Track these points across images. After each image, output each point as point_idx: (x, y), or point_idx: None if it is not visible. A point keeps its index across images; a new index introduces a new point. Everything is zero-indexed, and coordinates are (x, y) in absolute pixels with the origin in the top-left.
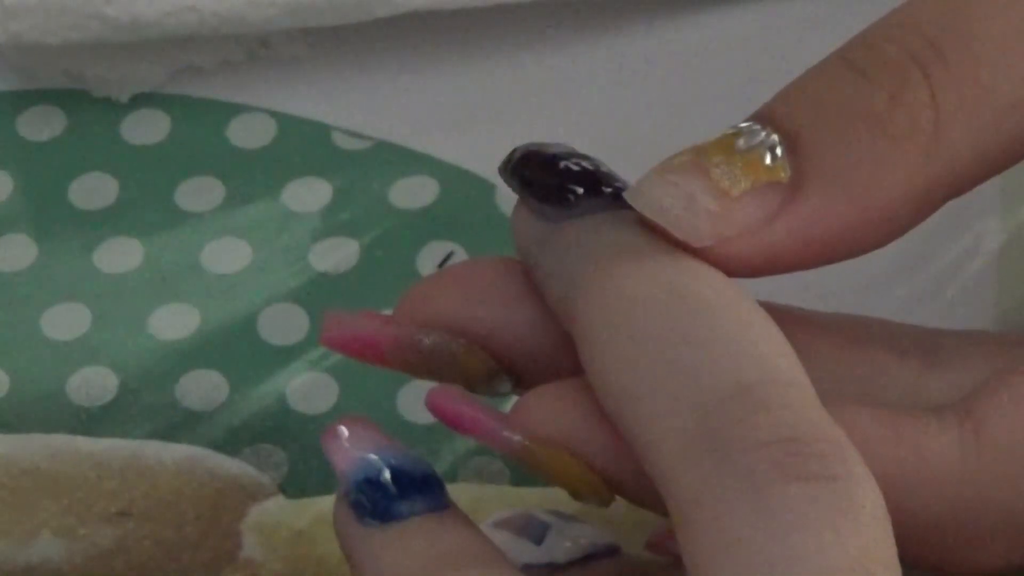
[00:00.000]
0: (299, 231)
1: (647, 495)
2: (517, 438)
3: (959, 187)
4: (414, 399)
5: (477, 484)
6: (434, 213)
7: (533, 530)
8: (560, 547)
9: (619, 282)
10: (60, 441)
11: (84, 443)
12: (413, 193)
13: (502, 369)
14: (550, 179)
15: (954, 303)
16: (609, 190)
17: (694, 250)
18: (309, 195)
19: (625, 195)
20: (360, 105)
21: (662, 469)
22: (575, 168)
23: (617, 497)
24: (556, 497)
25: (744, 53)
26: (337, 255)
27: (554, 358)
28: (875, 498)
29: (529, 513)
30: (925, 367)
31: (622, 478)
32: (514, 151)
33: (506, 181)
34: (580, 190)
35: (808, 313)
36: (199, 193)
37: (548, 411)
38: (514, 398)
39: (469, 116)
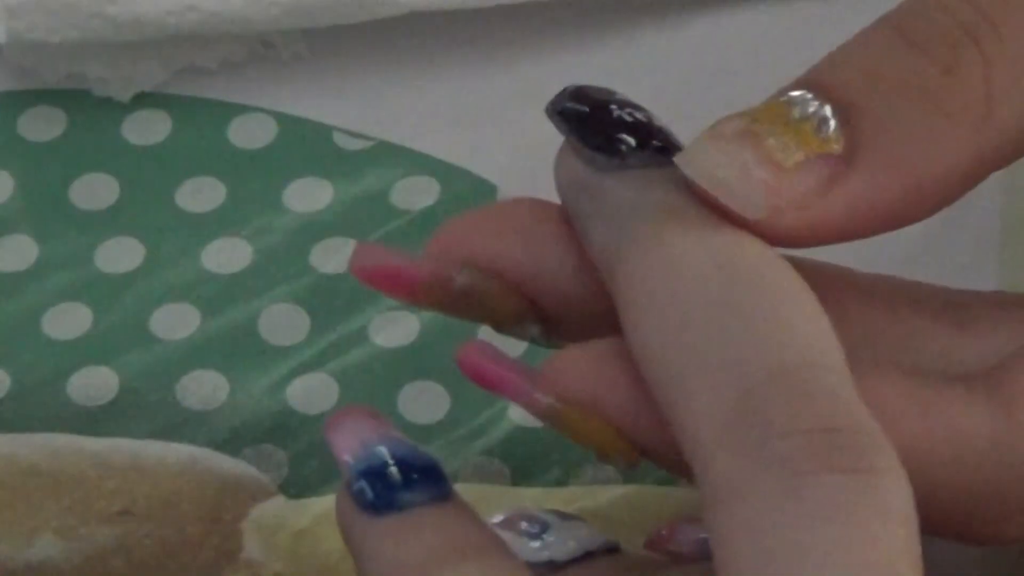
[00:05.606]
0: (300, 231)
1: (675, 461)
2: (547, 400)
3: (1007, 160)
4: (414, 399)
5: (477, 484)
6: (434, 213)
7: (533, 529)
8: (560, 546)
9: (667, 246)
10: (61, 441)
11: (85, 443)
12: (414, 193)
13: (533, 313)
14: (601, 126)
15: None
16: (662, 145)
17: (742, 221)
18: (310, 195)
19: (676, 160)
20: (361, 105)
21: (697, 445)
22: (628, 119)
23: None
24: (556, 497)
25: (745, 54)
26: (338, 255)
27: (587, 306)
28: (906, 494)
29: (529, 513)
30: (957, 332)
31: (652, 443)
32: (564, 89)
33: (553, 121)
34: (632, 141)
35: (842, 272)
36: (199, 193)
37: (579, 374)
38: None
39: (469, 116)
